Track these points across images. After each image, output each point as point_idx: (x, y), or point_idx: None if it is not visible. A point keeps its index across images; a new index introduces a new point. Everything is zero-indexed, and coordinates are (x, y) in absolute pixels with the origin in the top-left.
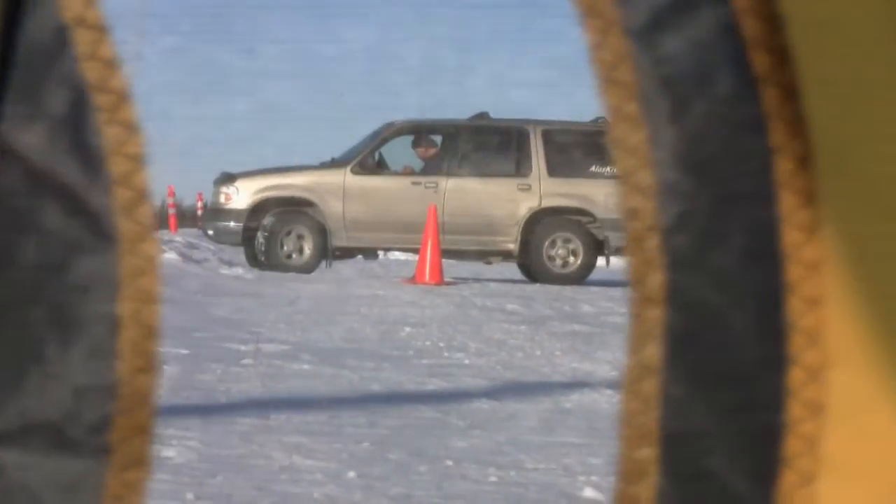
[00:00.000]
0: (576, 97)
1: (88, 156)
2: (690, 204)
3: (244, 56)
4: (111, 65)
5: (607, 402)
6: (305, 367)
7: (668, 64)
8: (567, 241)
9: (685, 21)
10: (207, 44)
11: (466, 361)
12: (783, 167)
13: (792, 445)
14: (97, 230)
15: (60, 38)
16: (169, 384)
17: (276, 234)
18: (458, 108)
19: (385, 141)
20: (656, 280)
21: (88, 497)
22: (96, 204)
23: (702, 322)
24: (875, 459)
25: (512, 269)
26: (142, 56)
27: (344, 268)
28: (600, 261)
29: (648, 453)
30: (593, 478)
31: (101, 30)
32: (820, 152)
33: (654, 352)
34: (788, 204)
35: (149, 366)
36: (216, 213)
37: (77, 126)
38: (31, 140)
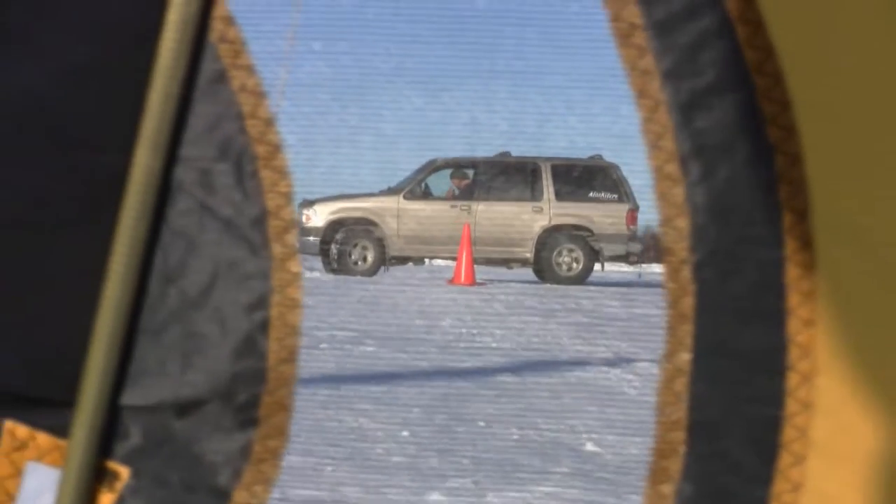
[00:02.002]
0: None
1: (248, 193)
2: (716, 244)
3: (371, 119)
4: (268, 123)
5: (603, 376)
6: (369, 349)
7: (700, 135)
8: (571, 250)
9: (715, 102)
10: (343, 109)
11: (493, 345)
12: (788, 218)
13: (788, 433)
14: (253, 251)
15: (229, 101)
16: None
17: (346, 246)
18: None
19: (430, 174)
20: (688, 303)
21: (239, 461)
22: (253, 231)
23: (722, 336)
24: (851, 445)
25: (528, 273)
26: (290, 117)
27: (398, 272)
28: (597, 266)
29: (678, 436)
30: (594, 435)
31: (259, 95)
32: (816, 207)
33: (685, 358)
34: (791, 246)
35: (291, 357)
36: (299, 230)
37: (240, 169)
38: (203, 179)
